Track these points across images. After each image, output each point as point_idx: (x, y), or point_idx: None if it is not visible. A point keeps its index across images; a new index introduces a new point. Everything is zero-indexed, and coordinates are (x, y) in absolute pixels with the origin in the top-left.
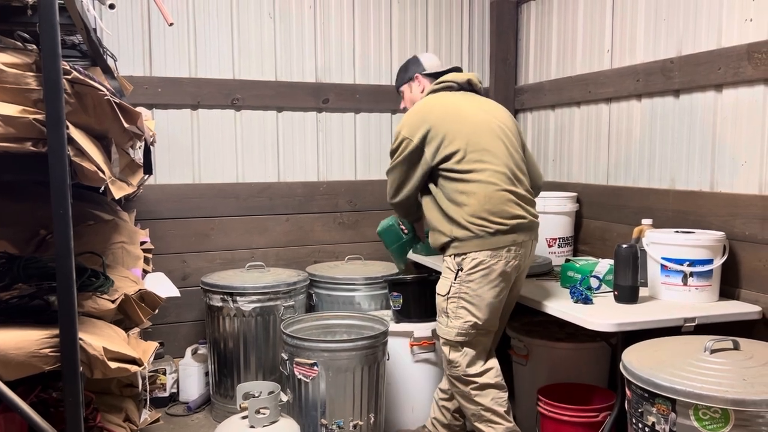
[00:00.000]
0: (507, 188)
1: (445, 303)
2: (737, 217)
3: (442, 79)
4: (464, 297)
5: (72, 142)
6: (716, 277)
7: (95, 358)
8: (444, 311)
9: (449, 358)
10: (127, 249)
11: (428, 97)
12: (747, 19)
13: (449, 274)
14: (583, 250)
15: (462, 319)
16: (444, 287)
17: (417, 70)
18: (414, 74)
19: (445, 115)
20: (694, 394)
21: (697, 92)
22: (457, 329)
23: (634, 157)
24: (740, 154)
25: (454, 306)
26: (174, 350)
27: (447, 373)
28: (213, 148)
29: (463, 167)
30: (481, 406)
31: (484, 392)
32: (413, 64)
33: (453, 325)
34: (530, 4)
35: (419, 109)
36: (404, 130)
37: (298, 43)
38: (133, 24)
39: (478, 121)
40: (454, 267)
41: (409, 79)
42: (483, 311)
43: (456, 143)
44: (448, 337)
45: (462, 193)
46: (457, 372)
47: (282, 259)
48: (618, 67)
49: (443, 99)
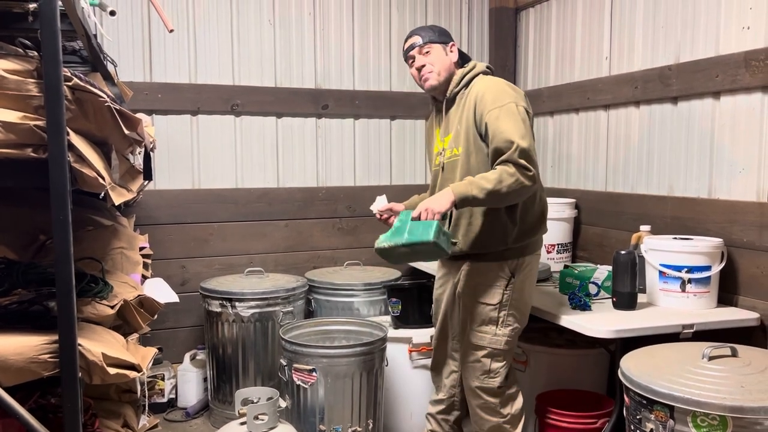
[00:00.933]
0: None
1: (496, 312)
2: (735, 223)
3: (488, 65)
4: (515, 304)
5: (72, 148)
6: (714, 283)
7: (94, 364)
8: (493, 320)
9: (489, 368)
10: (126, 254)
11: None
12: (744, 27)
13: (499, 282)
14: (582, 256)
15: (510, 326)
16: (494, 296)
17: (447, 40)
18: (451, 42)
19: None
20: (692, 401)
21: (695, 99)
22: (506, 337)
23: (633, 163)
24: (738, 161)
25: (505, 314)
26: (172, 356)
27: (476, 384)
28: (212, 154)
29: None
30: (505, 417)
31: (510, 403)
32: (448, 32)
33: (502, 333)
34: (529, 11)
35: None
36: (519, 101)
37: (298, 49)
38: (133, 30)
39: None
40: (506, 274)
41: (445, 42)
42: (526, 316)
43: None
44: (497, 346)
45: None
46: (493, 383)
47: (281, 265)
48: (616, 74)
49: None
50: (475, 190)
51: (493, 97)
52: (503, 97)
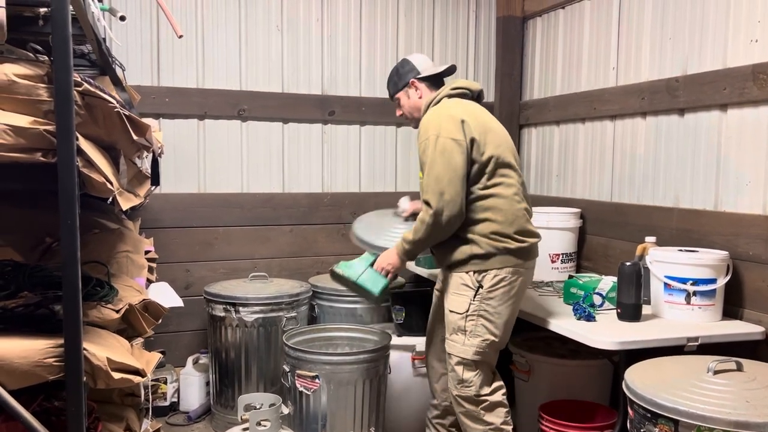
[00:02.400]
0: (522, 204)
1: (463, 321)
2: (741, 236)
3: (460, 85)
4: (483, 315)
5: (81, 153)
6: (719, 296)
7: (99, 368)
8: (461, 329)
9: (462, 378)
10: (132, 258)
11: (450, 102)
12: (753, 40)
13: (467, 291)
14: (586, 266)
15: (480, 337)
16: (461, 305)
17: (412, 75)
18: (410, 80)
19: (476, 121)
20: (697, 415)
21: (702, 111)
22: (475, 347)
23: (639, 174)
24: (745, 173)
25: (473, 324)
26: (175, 359)
27: (455, 393)
28: (219, 158)
29: (492, 181)
30: (490, 425)
31: (494, 411)
32: (406, 68)
33: (471, 343)
34: (536, 21)
35: (448, 113)
36: (444, 132)
37: (305, 55)
38: (141, 34)
39: (500, 133)
40: (473, 284)
41: (404, 85)
42: (501, 329)
43: (489, 152)
44: (465, 355)
45: (487, 209)
46: (469, 392)
47: (285, 270)
48: (623, 85)
49: (465, 105)
50: (406, 245)
51: (423, 130)
52: (427, 131)
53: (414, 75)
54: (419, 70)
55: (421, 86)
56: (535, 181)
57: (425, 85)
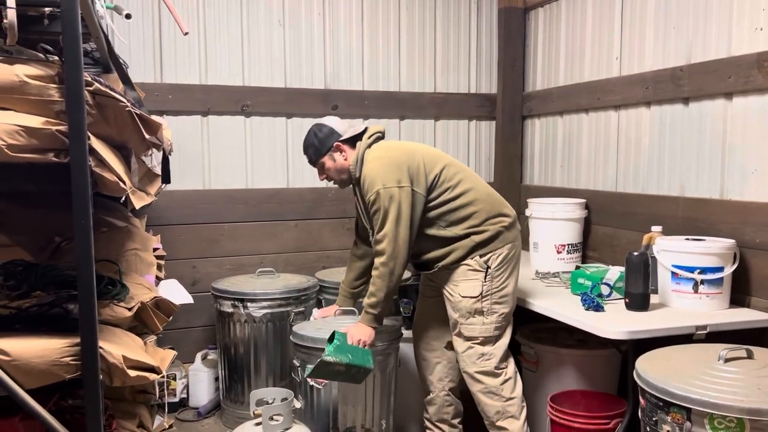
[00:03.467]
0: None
1: (479, 303)
2: (747, 224)
3: (374, 131)
4: (495, 292)
5: (93, 152)
6: (727, 284)
7: (115, 366)
8: (478, 311)
9: (482, 351)
10: (141, 256)
11: (376, 148)
12: (757, 28)
13: (476, 275)
14: (592, 256)
15: (497, 313)
16: (474, 289)
17: (335, 139)
18: (333, 143)
19: (406, 152)
20: (709, 403)
21: (707, 100)
22: (494, 324)
23: (643, 164)
24: (750, 162)
25: (489, 303)
26: (184, 356)
27: (474, 370)
28: (223, 155)
29: (454, 180)
30: (506, 399)
31: (509, 384)
32: (325, 135)
33: (490, 320)
34: (538, 11)
35: (382, 161)
36: (388, 182)
37: (308, 50)
38: (144, 31)
39: (430, 152)
40: (481, 267)
41: (327, 150)
42: (511, 301)
43: (437, 165)
44: (487, 334)
45: (464, 206)
46: (488, 365)
47: (291, 265)
48: (627, 75)
49: (388, 144)
50: (372, 309)
51: (368, 186)
52: (372, 185)
53: (336, 138)
54: (340, 132)
55: (345, 147)
56: (539, 172)
57: (347, 146)
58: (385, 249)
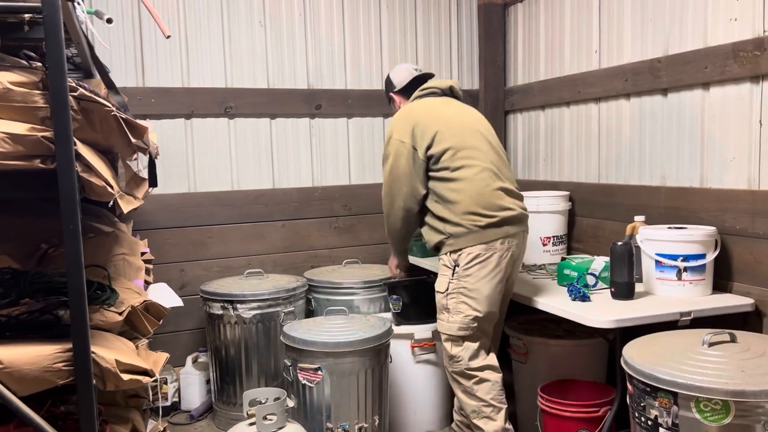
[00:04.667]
0: (494, 183)
1: (445, 299)
2: (727, 211)
3: (427, 86)
4: (463, 292)
5: (80, 158)
6: (709, 271)
7: (108, 370)
8: (444, 307)
9: (451, 354)
10: (129, 260)
11: (413, 103)
12: (732, 19)
13: (446, 271)
14: (577, 247)
15: (462, 313)
16: (442, 284)
17: (390, 90)
18: (388, 94)
19: (430, 117)
20: (695, 386)
21: (685, 91)
22: (458, 324)
23: (625, 155)
24: (729, 150)
25: (454, 301)
26: (174, 359)
27: (450, 370)
28: (208, 157)
29: (454, 164)
30: (483, 401)
31: (484, 386)
32: (386, 85)
33: (454, 320)
34: (517, 6)
35: (405, 115)
36: (395, 134)
37: (290, 50)
38: (125, 35)
39: (462, 122)
40: (450, 263)
41: (389, 100)
42: (482, 304)
43: (445, 142)
44: (450, 332)
45: (453, 191)
46: (459, 367)
47: (279, 265)
48: (606, 67)
49: (427, 103)
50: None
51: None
52: (387, 136)
53: (391, 90)
54: (395, 84)
55: (398, 98)
56: (522, 166)
57: (401, 96)
58: (383, 195)
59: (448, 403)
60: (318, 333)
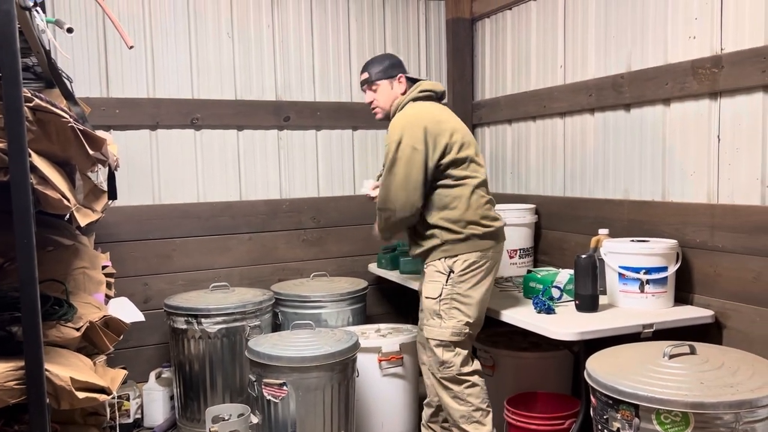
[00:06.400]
0: (487, 194)
1: (438, 305)
2: (688, 225)
3: (426, 88)
4: (456, 298)
5: (35, 170)
6: (671, 283)
7: (62, 388)
8: (436, 313)
9: (442, 359)
10: (89, 274)
11: (418, 106)
12: (690, 37)
13: (439, 277)
14: (543, 260)
15: (455, 319)
16: (434, 290)
17: (401, 71)
18: (399, 74)
19: (439, 123)
20: (655, 399)
21: (647, 106)
22: (451, 329)
23: (589, 169)
24: (689, 165)
25: (447, 307)
26: (137, 375)
27: (438, 376)
28: (173, 169)
29: (460, 173)
30: (473, 405)
31: (475, 390)
32: (397, 63)
33: (447, 325)
34: (485, 22)
35: (414, 119)
36: (406, 138)
37: (257, 61)
38: (88, 45)
39: (464, 131)
40: (445, 269)
41: (391, 76)
42: (474, 310)
43: (460, 151)
44: (442, 337)
45: (455, 197)
46: (451, 372)
47: (246, 279)
48: (571, 83)
49: (431, 108)
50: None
51: (391, 131)
52: (392, 134)
53: (403, 71)
54: (406, 69)
55: (405, 84)
56: (490, 179)
57: (408, 84)
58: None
59: (416, 417)
60: (283, 347)
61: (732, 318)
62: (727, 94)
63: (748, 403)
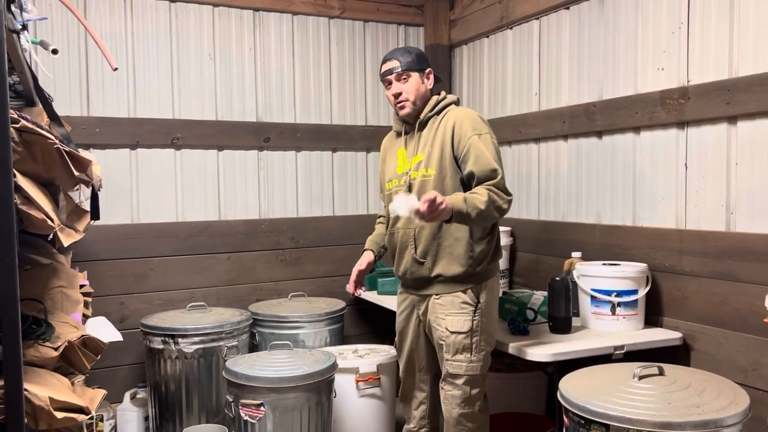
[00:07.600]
0: None
1: (469, 339)
2: (657, 249)
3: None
4: (484, 329)
5: (19, 190)
6: (641, 306)
7: (41, 408)
8: (466, 348)
9: (471, 395)
10: (67, 293)
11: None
12: (659, 68)
13: (467, 309)
14: (518, 281)
15: (484, 351)
16: (464, 324)
17: (430, 66)
18: (429, 69)
19: None
20: (625, 419)
21: (618, 134)
22: (482, 362)
23: (563, 193)
24: (658, 191)
25: (477, 339)
26: (111, 395)
27: (460, 412)
28: (152, 188)
29: None
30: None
31: (486, 424)
32: (424, 55)
33: (477, 358)
34: (463, 48)
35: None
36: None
37: (239, 83)
38: (70, 64)
39: None
40: (472, 300)
41: (422, 69)
42: (494, 336)
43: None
44: (474, 372)
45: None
46: (474, 408)
47: (223, 299)
48: (546, 109)
49: None
50: (470, 208)
51: (472, 125)
52: (481, 127)
53: (430, 66)
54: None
55: (432, 80)
56: None
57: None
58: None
59: None
60: (261, 368)
61: (699, 340)
62: (694, 124)
63: (714, 423)
